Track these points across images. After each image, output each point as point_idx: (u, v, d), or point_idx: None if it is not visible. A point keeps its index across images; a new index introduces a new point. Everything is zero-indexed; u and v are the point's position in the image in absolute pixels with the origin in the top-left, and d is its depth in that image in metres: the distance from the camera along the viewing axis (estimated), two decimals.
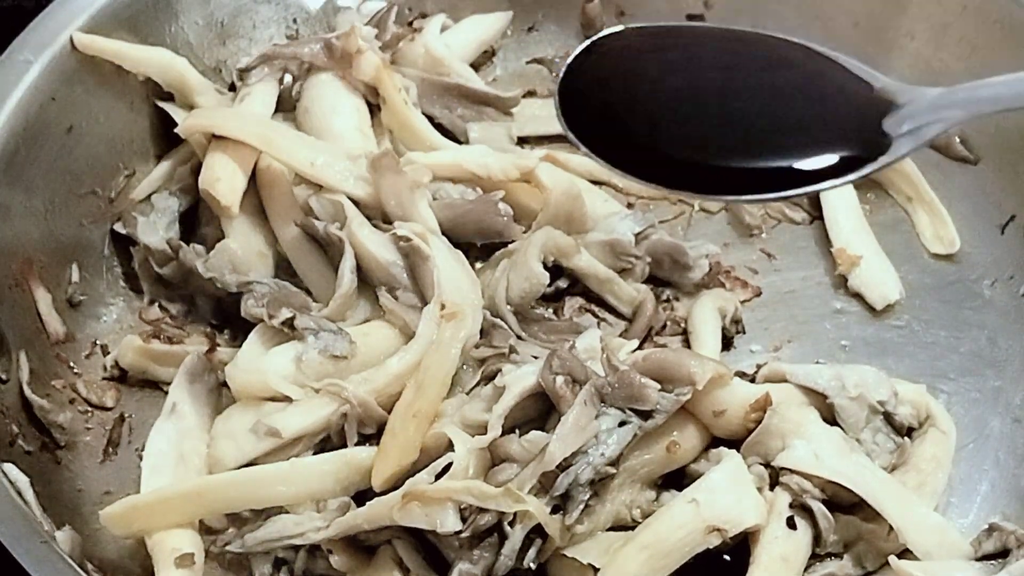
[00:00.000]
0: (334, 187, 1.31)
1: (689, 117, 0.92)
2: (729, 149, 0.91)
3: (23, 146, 1.28)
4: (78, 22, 1.34)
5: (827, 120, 0.92)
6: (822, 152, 0.90)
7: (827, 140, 0.91)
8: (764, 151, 0.90)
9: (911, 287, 1.40)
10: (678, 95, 0.93)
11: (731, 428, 1.19)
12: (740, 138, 0.91)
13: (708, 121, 0.91)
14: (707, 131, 0.91)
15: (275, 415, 1.18)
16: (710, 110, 0.92)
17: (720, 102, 0.92)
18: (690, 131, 0.91)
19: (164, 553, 1.13)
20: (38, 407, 1.23)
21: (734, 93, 0.93)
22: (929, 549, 1.14)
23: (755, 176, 0.90)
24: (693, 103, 0.92)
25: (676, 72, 0.95)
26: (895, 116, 0.92)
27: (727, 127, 0.91)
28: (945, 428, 1.24)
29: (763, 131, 0.91)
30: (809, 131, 0.91)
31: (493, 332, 1.28)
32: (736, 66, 0.95)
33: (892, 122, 0.92)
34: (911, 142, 0.91)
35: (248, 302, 1.26)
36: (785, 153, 0.90)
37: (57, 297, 1.31)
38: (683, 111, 0.92)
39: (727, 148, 0.91)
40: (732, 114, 0.91)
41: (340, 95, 1.41)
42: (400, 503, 1.08)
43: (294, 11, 1.54)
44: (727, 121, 0.91)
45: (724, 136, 0.91)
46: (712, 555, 1.12)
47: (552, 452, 1.09)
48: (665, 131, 0.92)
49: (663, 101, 0.93)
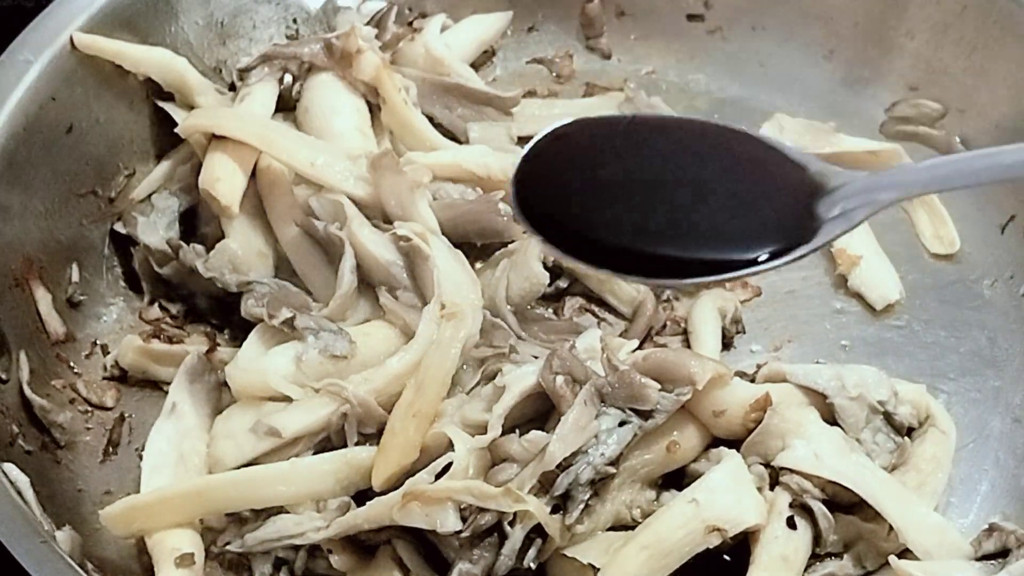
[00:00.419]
0: (334, 187, 1.31)
1: (632, 206, 0.97)
2: (668, 237, 0.96)
3: (23, 146, 1.28)
4: (78, 22, 1.34)
5: (760, 207, 0.97)
6: (753, 239, 0.95)
7: (759, 227, 0.96)
8: (699, 239, 0.96)
9: (911, 287, 1.40)
10: (622, 185, 0.98)
11: (731, 428, 1.19)
12: (678, 226, 0.96)
13: (648, 209, 0.97)
14: (646, 219, 0.97)
15: (275, 415, 1.18)
16: (651, 199, 0.97)
17: (661, 192, 0.98)
18: (631, 219, 0.97)
19: (164, 553, 1.13)
20: (38, 407, 1.23)
21: (675, 183, 0.98)
22: (929, 549, 1.14)
23: (691, 262, 0.96)
24: (636, 193, 0.98)
25: (622, 162, 1.00)
26: (826, 200, 0.96)
27: (667, 216, 0.96)
28: (945, 428, 1.24)
29: (699, 219, 0.97)
30: (741, 219, 0.96)
31: (493, 332, 1.28)
32: (678, 155, 1.01)
33: (823, 206, 0.96)
34: (841, 225, 0.95)
35: (248, 302, 1.26)
36: (717, 241, 0.96)
37: (57, 297, 1.31)
38: (627, 200, 0.98)
39: (667, 236, 0.96)
40: (672, 203, 0.97)
41: (340, 95, 1.41)
42: (400, 503, 1.08)
43: (294, 11, 1.54)
44: (667, 210, 0.96)
45: (663, 224, 0.96)
46: (712, 555, 1.12)
47: (552, 452, 1.09)
48: (610, 219, 0.97)
49: (609, 191, 0.98)
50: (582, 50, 1.63)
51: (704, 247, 0.96)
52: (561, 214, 1.00)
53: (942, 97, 1.50)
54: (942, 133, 1.50)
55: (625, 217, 0.97)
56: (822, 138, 1.50)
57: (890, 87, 1.54)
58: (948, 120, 1.50)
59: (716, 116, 1.56)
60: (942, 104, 1.50)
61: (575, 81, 1.61)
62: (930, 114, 1.51)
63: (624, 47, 1.62)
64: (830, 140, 1.50)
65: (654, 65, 1.61)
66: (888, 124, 1.54)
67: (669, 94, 1.56)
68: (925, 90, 1.52)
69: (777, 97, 1.56)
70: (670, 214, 0.97)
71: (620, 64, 1.62)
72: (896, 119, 1.54)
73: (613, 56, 1.62)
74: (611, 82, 1.59)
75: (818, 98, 1.56)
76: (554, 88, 1.60)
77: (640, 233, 0.96)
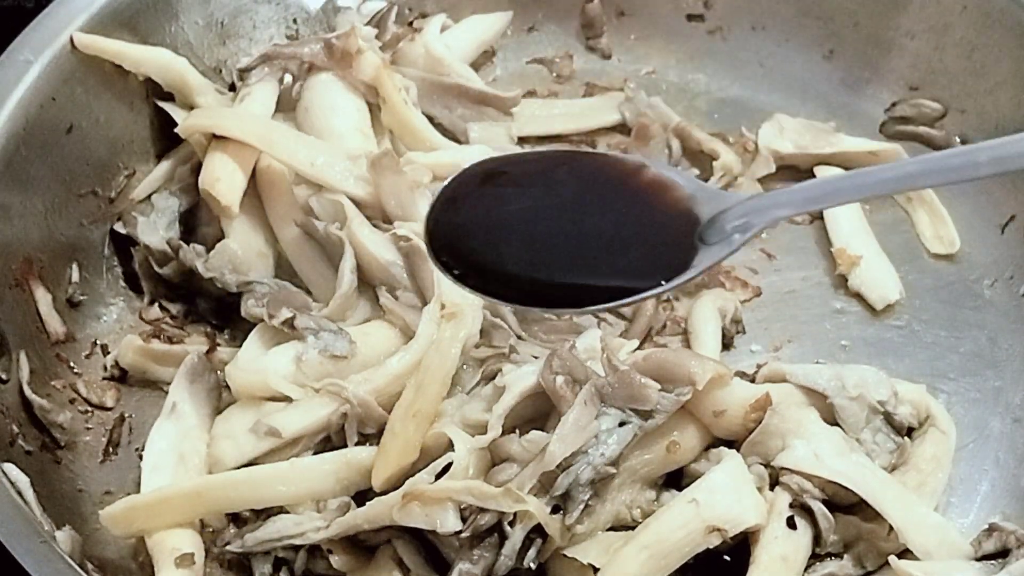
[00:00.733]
0: (334, 187, 1.31)
1: (534, 240, 1.04)
2: (568, 268, 1.02)
3: (23, 146, 1.28)
4: (78, 22, 1.34)
5: (650, 236, 1.03)
6: (647, 267, 1.01)
7: (650, 256, 1.02)
8: (596, 270, 1.02)
9: (911, 287, 1.40)
10: (526, 221, 1.05)
11: (731, 428, 1.19)
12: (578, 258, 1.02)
13: (549, 243, 1.03)
14: (548, 252, 1.03)
15: (275, 415, 1.18)
16: (552, 233, 1.04)
17: (561, 225, 1.04)
18: (533, 253, 1.03)
19: (164, 553, 1.13)
20: (38, 407, 1.23)
21: (574, 217, 1.05)
22: (929, 549, 1.14)
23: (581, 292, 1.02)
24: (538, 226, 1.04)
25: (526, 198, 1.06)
26: (711, 225, 1.01)
27: (566, 248, 1.03)
28: (945, 428, 1.24)
29: (595, 252, 1.02)
30: (636, 248, 1.02)
31: (493, 332, 1.28)
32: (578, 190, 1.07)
33: (708, 231, 1.01)
34: (724, 249, 1.00)
35: (248, 302, 1.26)
36: (612, 271, 1.01)
37: (57, 297, 1.31)
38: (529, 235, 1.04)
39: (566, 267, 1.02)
40: (570, 236, 1.03)
41: (340, 95, 1.41)
42: (400, 503, 1.08)
43: (294, 11, 1.54)
44: (567, 242, 1.03)
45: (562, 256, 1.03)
46: (712, 555, 1.12)
47: (552, 452, 1.09)
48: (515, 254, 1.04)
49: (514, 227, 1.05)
50: (582, 50, 1.63)
51: (601, 277, 1.01)
52: (471, 252, 1.05)
53: (942, 97, 1.50)
54: (942, 133, 1.51)
55: (528, 251, 1.03)
56: (822, 138, 1.50)
57: (890, 87, 1.54)
58: (948, 120, 1.50)
59: (716, 116, 1.56)
60: (942, 104, 1.50)
61: (575, 81, 1.61)
62: (930, 114, 1.51)
63: (624, 47, 1.63)
64: (830, 140, 1.50)
65: (654, 65, 1.61)
66: (888, 124, 1.54)
67: (669, 94, 1.57)
68: (925, 90, 1.52)
69: (777, 97, 1.56)
70: (569, 246, 1.02)
71: (620, 64, 1.62)
72: (896, 119, 1.54)
73: (613, 56, 1.62)
74: (611, 82, 1.59)
75: (818, 98, 1.56)
76: (554, 88, 1.60)
77: (541, 265, 1.02)
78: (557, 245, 1.02)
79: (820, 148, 1.49)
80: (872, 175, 0.97)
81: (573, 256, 1.02)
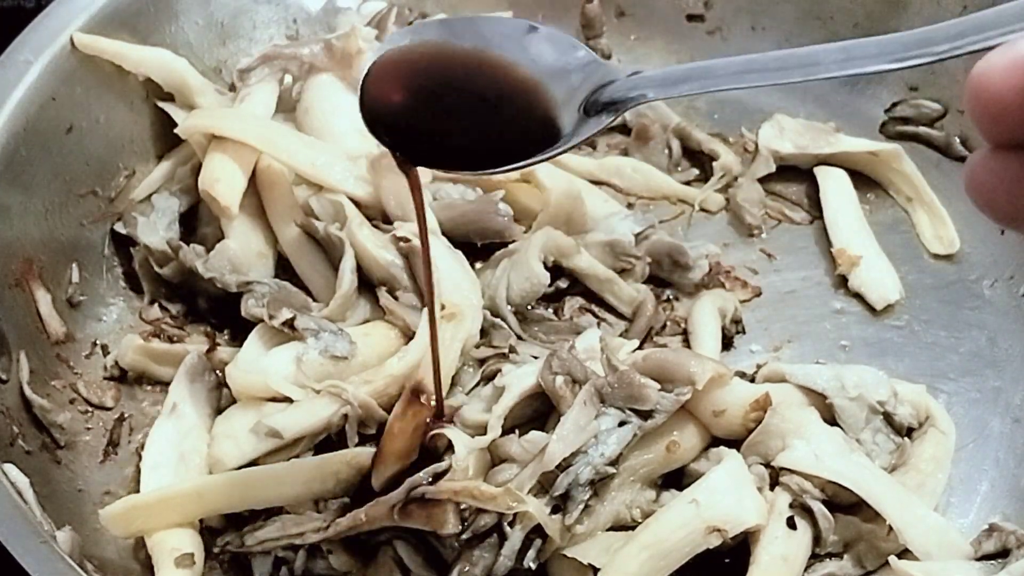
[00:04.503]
0: (334, 187, 1.31)
1: (439, 114, 1.03)
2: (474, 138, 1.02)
3: (23, 146, 1.28)
4: (78, 22, 1.34)
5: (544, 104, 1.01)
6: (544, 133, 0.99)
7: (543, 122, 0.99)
8: (501, 139, 1.01)
9: (911, 287, 1.40)
10: (430, 96, 1.04)
11: (731, 428, 1.19)
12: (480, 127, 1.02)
13: (457, 115, 1.03)
14: (458, 122, 1.02)
15: (276, 415, 1.18)
16: (459, 107, 1.03)
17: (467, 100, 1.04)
18: (441, 124, 1.03)
19: (164, 553, 1.13)
20: (38, 407, 1.23)
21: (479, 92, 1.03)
22: (929, 549, 1.14)
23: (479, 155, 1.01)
24: (440, 103, 1.04)
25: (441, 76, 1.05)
26: (597, 95, 0.99)
27: (471, 119, 1.02)
28: (945, 428, 1.24)
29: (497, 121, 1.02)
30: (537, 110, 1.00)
31: (493, 332, 1.28)
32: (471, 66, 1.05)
33: (594, 103, 0.98)
34: (605, 119, 0.97)
35: (248, 302, 1.26)
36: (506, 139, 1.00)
37: (57, 297, 1.31)
38: (435, 109, 1.03)
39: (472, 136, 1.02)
40: (476, 109, 1.03)
41: (340, 95, 1.41)
42: (400, 503, 1.08)
43: (294, 12, 1.54)
44: (472, 115, 1.03)
45: (469, 126, 1.02)
46: (712, 555, 1.12)
47: (552, 452, 1.09)
48: (428, 126, 1.03)
49: (424, 101, 1.05)
50: None
51: (504, 143, 1.00)
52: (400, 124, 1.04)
53: (942, 97, 1.50)
54: (942, 133, 1.50)
55: (440, 122, 1.02)
56: (822, 138, 1.50)
57: (890, 87, 1.54)
58: (948, 120, 1.50)
59: (716, 116, 1.56)
60: (942, 104, 1.50)
61: None
62: (930, 114, 1.51)
63: (624, 47, 1.62)
64: (830, 140, 1.50)
65: (654, 65, 1.61)
66: (888, 124, 1.54)
67: None
68: (925, 90, 1.52)
69: (777, 97, 1.55)
70: (474, 118, 1.02)
71: (620, 64, 1.61)
72: (896, 119, 1.54)
73: (613, 56, 1.62)
74: None
75: (818, 98, 1.56)
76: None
77: (454, 134, 1.02)
78: (463, 117, 1.02)
79: (820, 148, 1.49)
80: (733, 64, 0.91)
81: (477, 125, 1.02)
